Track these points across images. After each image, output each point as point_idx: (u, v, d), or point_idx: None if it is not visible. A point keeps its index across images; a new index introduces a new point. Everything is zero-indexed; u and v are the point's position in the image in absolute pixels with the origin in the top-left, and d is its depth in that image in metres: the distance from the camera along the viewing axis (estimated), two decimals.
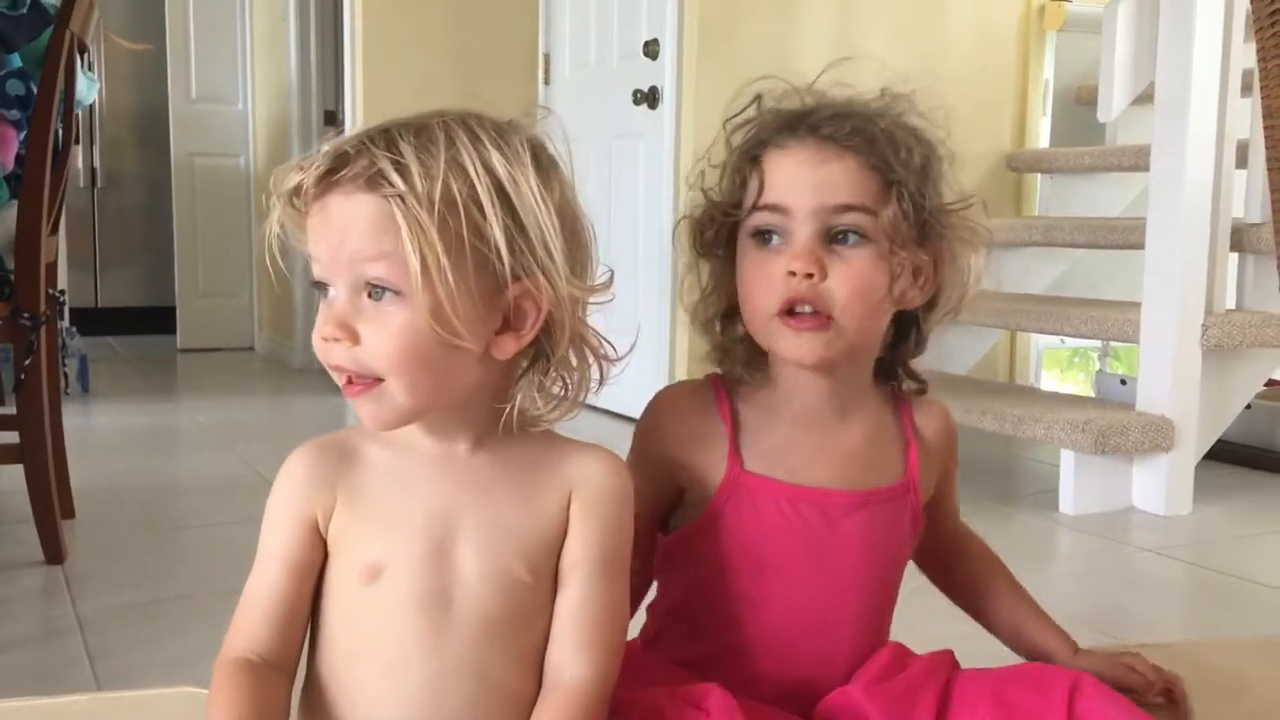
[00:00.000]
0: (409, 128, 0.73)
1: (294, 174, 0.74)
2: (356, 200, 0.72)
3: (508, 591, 0.76)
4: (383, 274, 0.72)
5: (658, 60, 3.33)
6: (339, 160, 0.72)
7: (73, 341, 3.96)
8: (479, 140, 0.73)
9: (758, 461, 0.86)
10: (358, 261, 0.72)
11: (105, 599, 1.85)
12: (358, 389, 0.74)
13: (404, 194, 0.70)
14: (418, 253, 0.70)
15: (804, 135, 0.84)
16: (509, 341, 0.75)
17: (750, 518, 0.85)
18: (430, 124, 0.74)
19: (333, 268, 0.73)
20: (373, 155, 0.71)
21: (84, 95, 2.34)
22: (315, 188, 0.73)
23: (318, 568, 0.78)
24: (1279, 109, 1.11)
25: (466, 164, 0.72)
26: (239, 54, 5.22)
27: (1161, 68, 2.53)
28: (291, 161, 0.75)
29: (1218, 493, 2.64)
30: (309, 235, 0.75)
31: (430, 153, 0.72)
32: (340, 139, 0.74)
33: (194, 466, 2.96)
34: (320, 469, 0.79)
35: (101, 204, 5.73)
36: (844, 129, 0.83)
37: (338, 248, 0.73)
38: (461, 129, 0.73)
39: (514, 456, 0.79)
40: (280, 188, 0.74)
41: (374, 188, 0.71)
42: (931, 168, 0.86)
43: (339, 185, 0.72)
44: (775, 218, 0.83)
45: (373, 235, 0.71)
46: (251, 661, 0.76)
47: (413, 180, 0.70)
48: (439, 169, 0.71)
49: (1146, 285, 2.55)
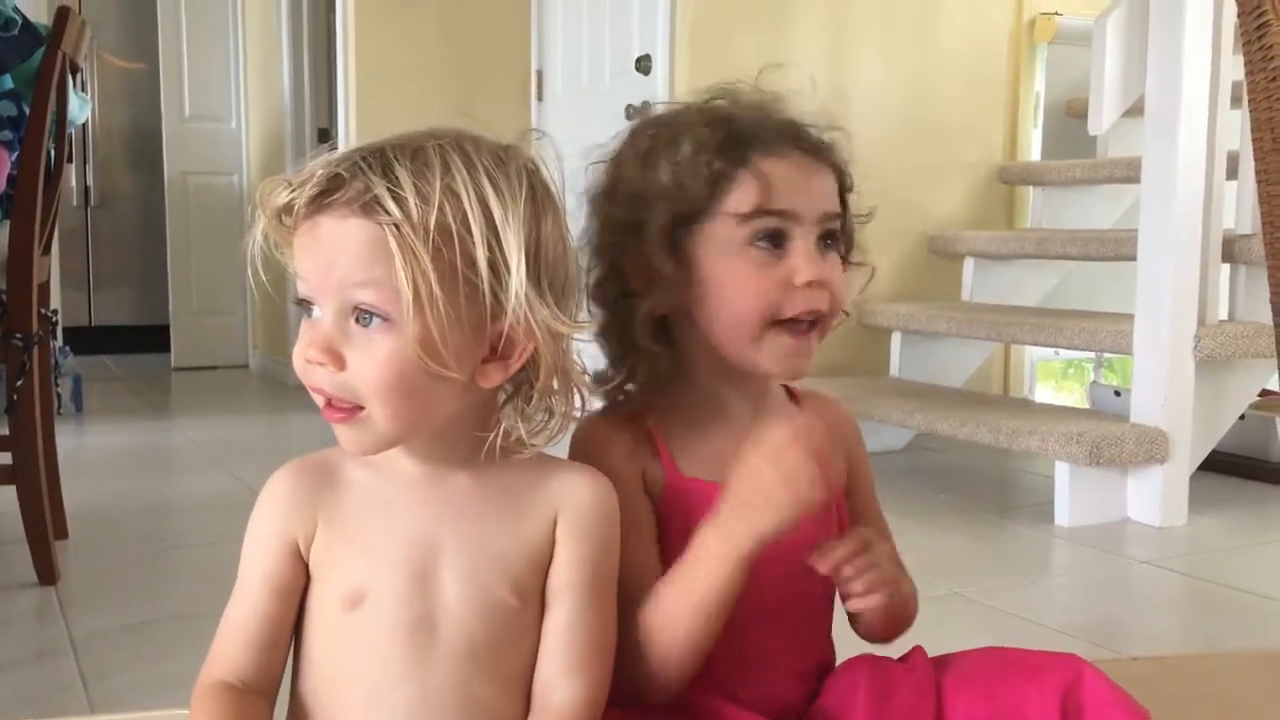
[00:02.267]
0: (405, 150, 0.72)
1: (284, 191, 0.73)
2: (349, 224, 0.71)
3: (493, 615, 0.76)
4: (373, 300, 0.71)
5: (650, 76, 3.34)
6: (333, 182, 0.71)
7: (66, 361, 3.95)
8: (474, 168, 0.72)
9: (694, 467, 0.86)
10: (347, 286, 0.71)
11: (99, 620, 1.84)
12: (339, 415, 0.74)
13: (399, 222, 0.70)
14: (410, 281, 0.69)
15: (790, 143, 0.83)
16: (496, 371, 0.75)
17: (694, 521, 0.84)
18: (426, 147, 0.73)
19: (320, 289, 0.73)
20: (368, 180, 0.71)
21: (76, 115, 2.34)
22: (307, 207, 0.72)
23: (299, 591, 0.77)
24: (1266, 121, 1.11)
25: (462, 193, 0.71)
26: (232, 72, 5.22)
27: (1151, 80, 2.54)
28: (280, 176, 0.74)
29: (1212, 504, 2.64)
30: (296, 252, 0.74)
31: (426, 179, 0.71)
32: (333, 158, 0.73)
33: (188, 486, 2.95)
34: (301, 491, 0.78)
35: (95, 223, 5.73)
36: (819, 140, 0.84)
37: (327, 270, 0.72)
38: (457, 154, 0.72)
39: (498, 479, 0.79)
40: (269, 203, 0.73)
41: (369, 213, 0.70)
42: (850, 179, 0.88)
43: (332, 208, 0.71)
44: (783, 222, 0.82)
45: (365, 261, 0.70)
46: (233, 686, 0.75)
47: (408, 208, 0.70)
48: (435, 197, 0.70)
49: (1139, 297, 2.56)
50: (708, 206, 0.82)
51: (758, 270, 0.81)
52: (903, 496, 2.70)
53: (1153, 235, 2.53)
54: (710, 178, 0.81)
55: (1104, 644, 1.75)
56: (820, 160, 0.84)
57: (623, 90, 3.47)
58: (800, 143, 0.83)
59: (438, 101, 3.75)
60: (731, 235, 0.82)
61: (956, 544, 2.41)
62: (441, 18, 3.87)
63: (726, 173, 0.81)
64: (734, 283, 0.82)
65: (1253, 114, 1.13)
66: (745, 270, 0.81)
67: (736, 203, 0.81)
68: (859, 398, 2.95)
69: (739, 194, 0.81)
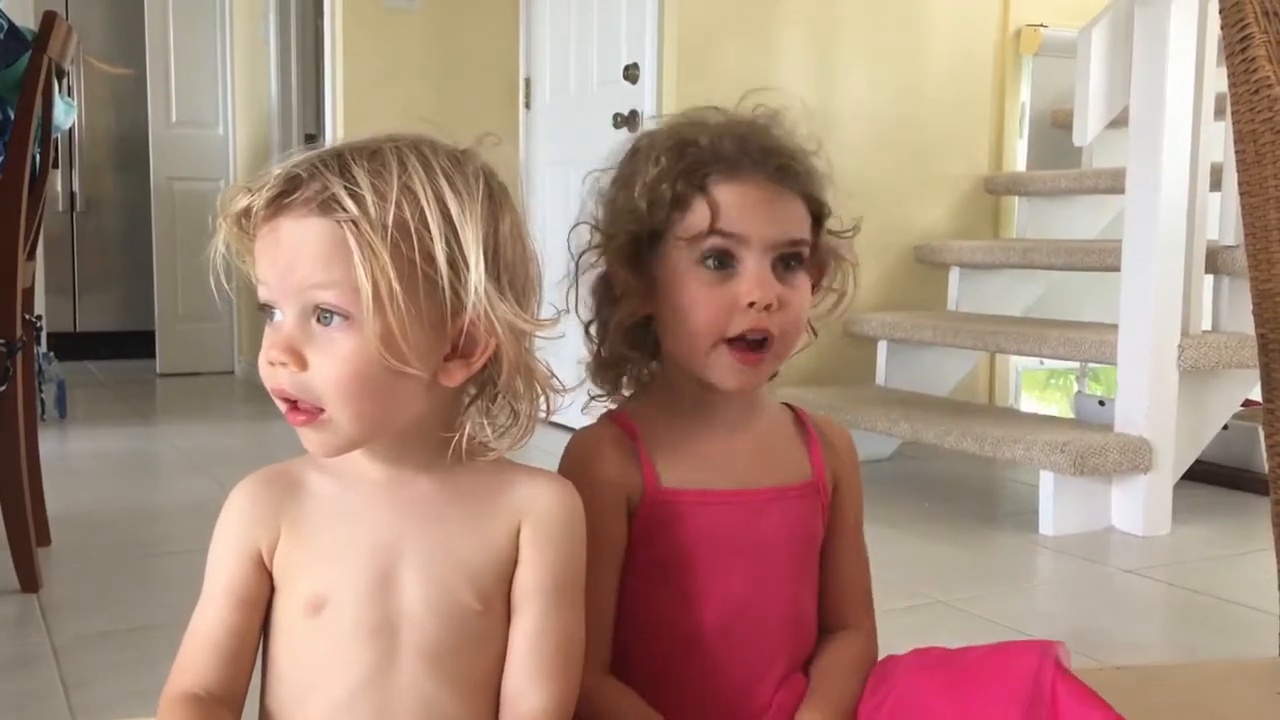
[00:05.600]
0: (362, 152, 0.73)
1: (242, 196, 0.73)
2: (308, 224, 0.71)
3: (455, 620, 0.76)
4: (333, 299, 0.71)
5: (638, 84, 3.35)
6: (291, 183, 0.72)
7: (50, 367, 3.93)
8: (431, 168, 0.73)
9: (673, 475, 0.88)
10: (308, 286, 0.71)
11: (81, 627, 1.83)
12: (302, 419, 0.73)
13: (357, 219, 0.70)
14: (370, 277, 0.69)
15: (751, 169, 0.85)
16: (458, 369, 0.75)
17: (675, 528, 0.87)
18: (383, 149, 0.73)
19: (281, 291, 0.73)
20: (326, 179, 0.71)
21: (61, 120, 2.34)
22: (265, 210, 0.72)
23: (265, 601, 0.77)
24: (1249, 133, 1.12)
25: (419, 190, 0.71)
26: (219, 78, 5.21)
27: (1136, 92, 2.56)
28: (239, 183, 0.75)
29: (1196, 513, 2.65)
30: (257, 258, 0.74)
31: (383, 178, 0.71)
32: (291, 161, 0.73)
33: (172, 492, 2.94)
34: (264, 501, 0.78)
35: (80, 228, 5.70)
36: (787, 167, 0.86)
37: (287, 271, 0.72)
38: (414, 155, 0.73)
39: (463, 484, 0.79)
40: (228, 209, 0.74)
41: (327, 212, 0.71)
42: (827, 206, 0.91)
43: (290, 209, 0.72)
44: (731, 244, 0.84)
45: (324, 259, 0.71)
46: (199, 696, 0.74)
47: (366, 205, 0.70)
48: (392, 194, 0.71)
49: (1123, 307, 2.57)
50: (665, 229, 0.86)
51: (707, 290, 0.85)
52: (888, 505, 2.71)
53: (1137, 246, 2.55)
54: (669, 201, 0.85)
55: (1087, 653, 1.75)
56: (784, 186, 0.86)
57: (610, 98, 3.47)
58: (764, 168, 0.85)
59: (425, 108, 3.75)
60: (683, 255, 0.86)
61: (941, 552, 2.41)
62: (430, 25, 3.88)
63: (683, 197, 0.85)
64: (684, 300, 0.85)
65: (1236, 126, 1.14)
66: (695, 289, 0.85)
67: (688, 226, 0.85)
68: (845, 406, 2.95)
69: (691, 218, 0.85)
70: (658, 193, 0.86)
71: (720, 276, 0.84)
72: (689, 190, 0.85)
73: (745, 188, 0.85)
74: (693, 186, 0.85)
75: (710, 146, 0.86)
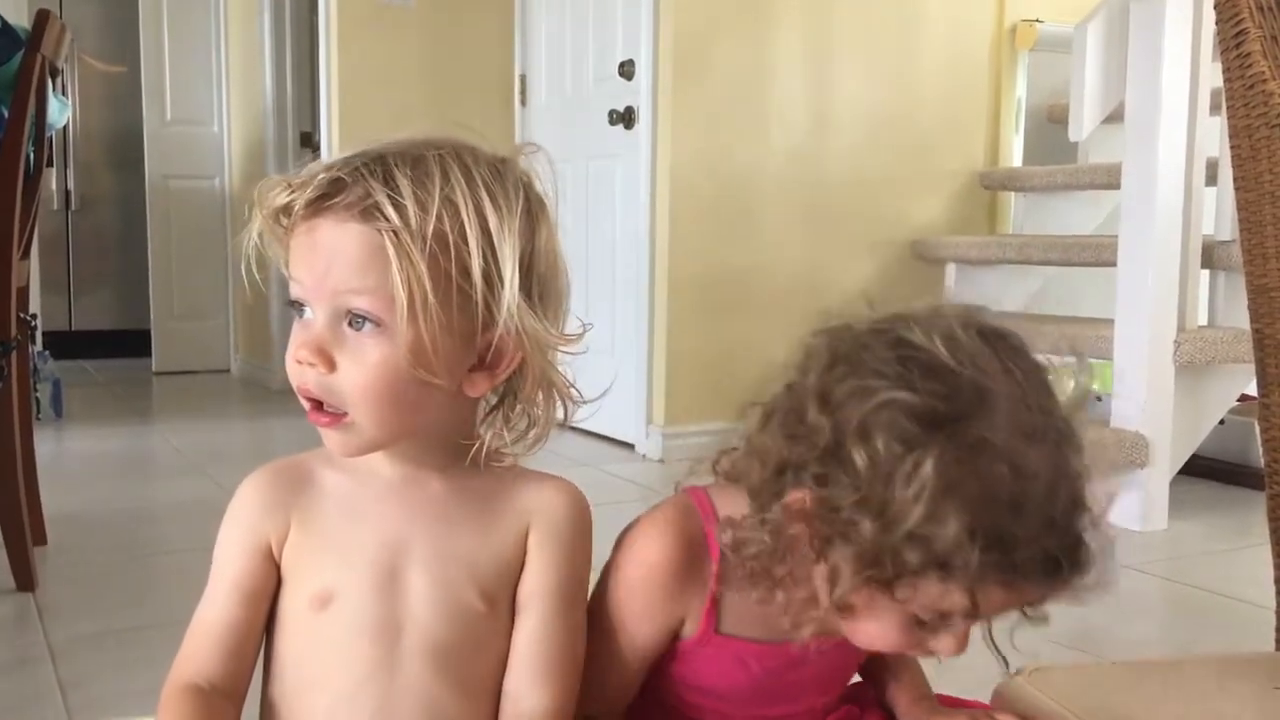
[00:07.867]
0: (405, 159, 0.73)
1: (283, 192, 0.73)
2: (348, 229, 0.71)
3: (460, 619, 0.76)
4: (367, 305, 0.71)
5: (633, 81, 3.34)
6: (334, 186, 0.72)
7: (46, 366, 3.92)
8: (473, 179, 0.73)
9: (733, 623, 0.81)
10: (343, 290, 0.71)
11: (77, 627, 1.83)
12: (325, 420, 0.74)
13: (398, 228, 0.70)
14: (406, 287, 0.70)
15: (1033, 583, 0.72)
16: (482, 380, 0.75)
17: (714, 664, 0.82)
18: (426, 156, 0.73)
19: (315, 292, 0.73)
20: (369, 185, 0.71)
21: (55, 119, 2.33)
22: (305, 209, 0.72)
23: (270, 595, 0.77)
24: (1244, 128, 1.12)
25: (460, 204, 0.71)
26: (214, 76, 5.20)
27: (1131, 87, 2.56)
28: (280, 177, 0.74)
29: (1193, 508, 2.65)
30: (292, 255, 0.74)
31: (426, 188, 0.71)
32: (334, 162, 0.73)
33: (169, 492, 2.94)
34: (274, 494, 0.78)
35: (75, 227, 5.69)
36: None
37: (324, 273, 0.72)
38: (457, 165, 0.73)
39: (473, 486, 0.79)
40: (267, 203, 0.73)
41: (368, 219, 0.71)
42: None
43: (331, 211, 0.72)
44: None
45: (361, 266, 0.71)
46: (201, 688, 0.75)
47: (408, 216, 0.70)
48: (434, 206, 0.71)
49: (1119, 302, 2.57)
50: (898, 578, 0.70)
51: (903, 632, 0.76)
52: None
53: (1133, 241, 2.55)
54: (936, 571, 0.69)
55: (1084, 648, 1.75)
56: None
57: (606, 95, 3.47)
58: (1053, 580, 0.71)
59: (421, 106, 3.75)
60: (894, 606, 0.72)
61: None
62: (425, 22, 3.87)
63: (954, 579, 0.69)
64: (874, 630, 0.76)
65: (1231, 120, 1.14)
66: (891, 628, 0.75)
67: (927, 604, 0.72)
68: None
69: (942, 599, 0.71)
70: (933, 554, 0.67)
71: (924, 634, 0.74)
72: (969, 583, 0.68)
73: (1010, 596, 0.71)
74: (974, 580, 0.68)
75: (1026, 544, 0.67)
